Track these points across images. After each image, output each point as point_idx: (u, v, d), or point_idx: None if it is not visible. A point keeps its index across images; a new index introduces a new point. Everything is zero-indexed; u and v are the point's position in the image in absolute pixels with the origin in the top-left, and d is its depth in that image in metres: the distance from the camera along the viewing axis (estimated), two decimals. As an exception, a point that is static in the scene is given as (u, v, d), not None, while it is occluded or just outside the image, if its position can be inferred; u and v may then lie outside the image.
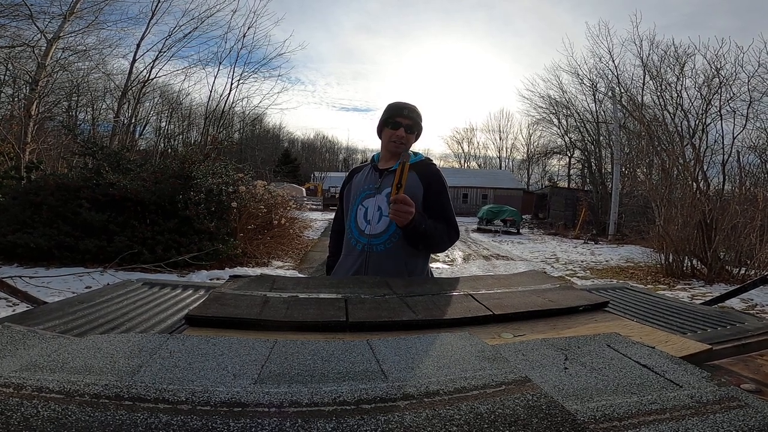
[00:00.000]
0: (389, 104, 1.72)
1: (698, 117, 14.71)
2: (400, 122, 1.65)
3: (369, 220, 1.64)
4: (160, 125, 28.01)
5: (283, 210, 9.66)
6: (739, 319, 1.17)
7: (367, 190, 1.69)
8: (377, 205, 1.64)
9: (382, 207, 1.62)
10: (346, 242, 1.72)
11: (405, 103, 1.70)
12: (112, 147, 11.33)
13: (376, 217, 1.63)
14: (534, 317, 1.03)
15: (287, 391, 0.55)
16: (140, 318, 1.08)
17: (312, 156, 60.80)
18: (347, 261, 1.69)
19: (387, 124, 1.68)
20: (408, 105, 1.69)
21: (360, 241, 1.64)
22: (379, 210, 1.63)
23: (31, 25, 11.77)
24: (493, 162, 49.58)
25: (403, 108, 1.67)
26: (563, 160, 32.44)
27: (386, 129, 1.68)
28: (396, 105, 1.70)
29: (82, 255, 6.49)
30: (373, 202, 1.65)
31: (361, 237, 1.64)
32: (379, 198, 1.64)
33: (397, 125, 1.66)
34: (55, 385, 0.53)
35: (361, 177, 1.76)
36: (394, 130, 1.66)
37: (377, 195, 1.65)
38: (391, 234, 1.61)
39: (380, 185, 1.66)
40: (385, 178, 1.66)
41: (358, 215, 1.67)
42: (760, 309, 5.71)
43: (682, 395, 0.57)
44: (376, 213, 1.63)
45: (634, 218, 14.60)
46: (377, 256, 1.61)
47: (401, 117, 1.66)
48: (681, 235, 8.13)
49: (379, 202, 1.64)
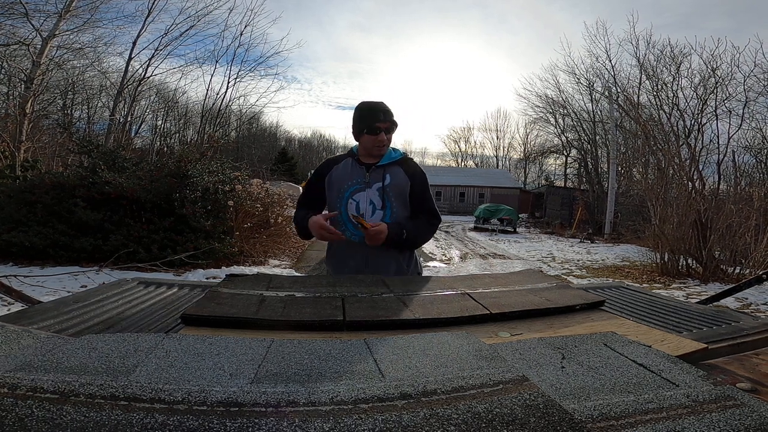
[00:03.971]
0: (361, 108, 1.73)
1: (694, 117, 14.77)
2: (379, 127, 1.69)
3: (362, 214, 1.69)
4: (156, 123, 27.93)
5: (280, 208, 9.63)
6: (734, 318, 1.18)
7: (356, 184, 1.72)
8: (369, 199, 1.70)
9: (374, 201, 1.70)
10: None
11: (378, 106, 1.72)
12: (108, 145, 11.29)
13: (369, 211, 1.70)
14: (531, 316, 1.04)
15: (284, 390, 0.54)
16: (136, 317, 1.07)
17: (309, 154, 60.64)
18: (345, 254, 1.73)
19: (365, 129, 1.70)
20: (382, 107, 1.71)
21: (356, 234, 1.68)
22: (372, 204, 1.70)
23: (26, 23, 11.70)
24: (490, 161, 49.65)
25: (378, 112, 1.70)
26: (560, 160, 32.56)
27: (365, 135, 1.71)
28: (370, 110, 1.71)
29: (77, 254, 6.44)
30: (364, 196, 1.71)
31: (356, 230, 1.67)
32: (370, 192, 1.71)
33: (377, 130, 1.69)
34: (50, 385, 0.53)
35: (343, 169, 1.77)
36: (375, 136, 1.69)
37: (368, 189, 1.71)
38: None
39: (369, 179, 1.71)
40: (373, 173, 1.72)
41: (349, 209, 1.71)
42: (755, 308, 5.74)
43: (679, 394, 0.57)
44: (369, 207, 1.70)
45: (630, 217, 14.66)
46: (375, 247, 1.65)
47: (379, 122, 1.69)
48: (676, 235, 8.17)
49: (371, 195, 1.70)
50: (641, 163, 13.88)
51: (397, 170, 1.73)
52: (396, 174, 1.72)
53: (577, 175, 27.44)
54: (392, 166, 1.74)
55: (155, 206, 7.08)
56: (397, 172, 1.72)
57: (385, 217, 1.69)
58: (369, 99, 1.77)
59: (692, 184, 9.16)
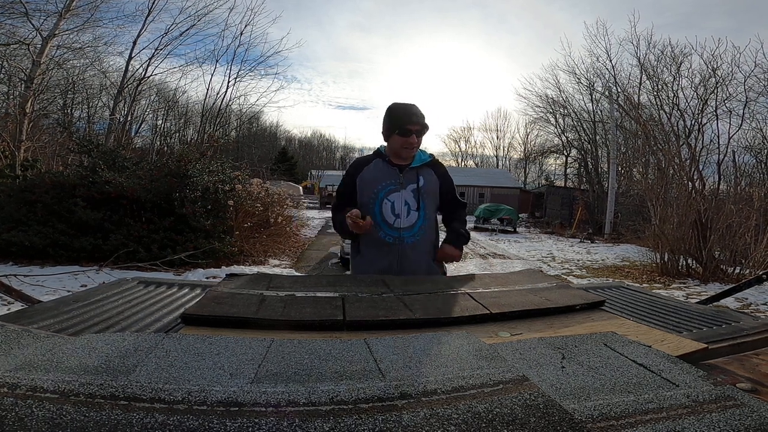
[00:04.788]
0: (394, 109, 1.74)
1: (694, 117, 14.74)
2: (410, 129, 1.69)
3: (398, 214, 1.72)
4: (156, 123, 27.90)
5: (280, 208, 9.64)
6: (734, 318, 1.18)
7: (390, 185, 1.74)
8: (404, 200, 1.73)
9: (409, 202, 1.73)
10: (370, 236, 1.74)
11: (411, 108, 1.73)
12: (108, 145, 11.28)
13: (405, 212, 1.73)
14: (531, 316, 1.03)
15: (284, 390, 0.54)
16: (136, 317, 1.07)
17: (309, 154, 60.67)
18: (376, 254, 1.73)
19: (396, 130, 1.70)
20: (414, 110, 1.72)
21: (391, 235, 1.71)
22: (407, 204, 1.73)
23: (26, 23, 11.67)
24: (491, 161, 49.63)
25: (412, 115, 1.71)
26: (560, 159, 32.52)
27: (395, 136, 1.71)
28: (403, 111, 1.72)
29: (77, 253, 6.45)
30: (399, 197, 1.73)
31: (391, 230, 1.71)
32: (404, 193, 1.74)
33: (408, 132, 1.69)
34: (50, 384, 0.53)
35: (373, 170, 1.78)
36: (406, 138, 1.70)
37: (402, 190, 1.74)
38: (419, 227, 1.74)
39: (403, 181, 1.74)
40: (406, 174, 1.75)
41: (383, 209, 1.72)
42: (755, 308, 5.74)
43: (679, 394, 0.57)
44: (404, 207, 1.73)
45: (630, 217, 14.65)
46: (408, 247, 1.71)
47: (411, 124, 1.69)
48: (676, 235, 8.17)
49: (405, 196, 1.73)
50: (641, 163, 13.88)
51: (429, 172, 1.78)
52: (428, 176, 1.77)
53: (577, 175, 27.43)
54: (424, 168, 1.77)
55: (155, 206, 7.08)
56: (429, 174, 1.78)
57: (420, 218, 1.73)
58: (401, 101, 1.78)
59: (692, 184, 9.16)
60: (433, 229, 1.80)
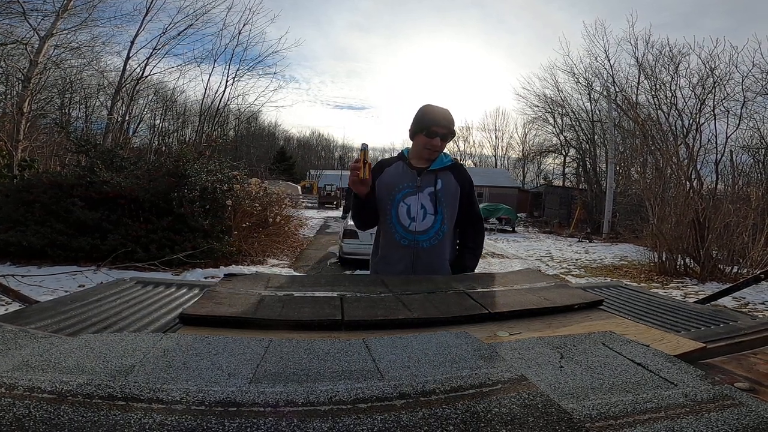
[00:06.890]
0: (426, 110, 1.73)
1: (692, 116, 14.78)
2: (436, 131, 1.69)
3: (413, 217, 1.71)
4: (154, 123, 27.83)
5: (279, 208, 9.62)
6: (732, 318, 1.18)
7: (407, 187, 1.73)
8: (420, 203, 1.71)
9: (425, 205, 1.71)
10: (387, 238, 1.75)
11: (442, 111, 1.72)
12: (106, 144, 11.26)
13: (421, 215, 1.71)
14: (530, 315, 1.03)
15: (283, 390, 0.54)
16: (134, 317, 1.07)
17: (308, 154, 60.62)
18: (392, 256, 1.73)
19: (422, 131, 1.70)
20: (445, 114, 1.71)
21: (406, 237, 1.70)
22: (423, 208, 1.71)
23: (23, 22, 11.61)
24: (489, 160, 49.69)
25: (441, 118, 1.70)
26: (558, 159, 32.52)
27: (421, 135, 1.71)
28: (434, 114, 1.71)
29: (75, 253, 6.43)
30: (415, 200, 1.72)
31: (407, 233, 1.70)
32: (421, 196, 1.72)
33: (433, 134, 1.69)
34: (48, 385, 0.53)
35: (394, 172, 1.77)
36: (430, 139, 1.69)
37: (419, 193, 1.72)
38: (436, 231, 1.71)
39: (421, 183, 1.73)
40: (424, 177, 1.73)
41: (399, 212, 1.71)
42: (753, 307, 5.76)
43: (677, 394, 0.57)
44: (420, 210, 1.71)
45: (628, 217, 14.68)
46: (424, 251, 1.69)
47: (438, 127, 1.69)
48: (674, 234, 8.19)
49: (422, 199, 1.71)
50: (639, 163, 13.92)
51: (448, 176, 1.75)
52: (447, 179, 1.74)
53: (575, 174, 27.49)
54: (443, 171, 1.75)
55: (153, 205, 7.07)
56: (449, 178, 1.75)
57: (436, 222, 1.70)
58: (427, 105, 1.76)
59: (690, 184, 9.20)
60: (453, 233, 1.78)
